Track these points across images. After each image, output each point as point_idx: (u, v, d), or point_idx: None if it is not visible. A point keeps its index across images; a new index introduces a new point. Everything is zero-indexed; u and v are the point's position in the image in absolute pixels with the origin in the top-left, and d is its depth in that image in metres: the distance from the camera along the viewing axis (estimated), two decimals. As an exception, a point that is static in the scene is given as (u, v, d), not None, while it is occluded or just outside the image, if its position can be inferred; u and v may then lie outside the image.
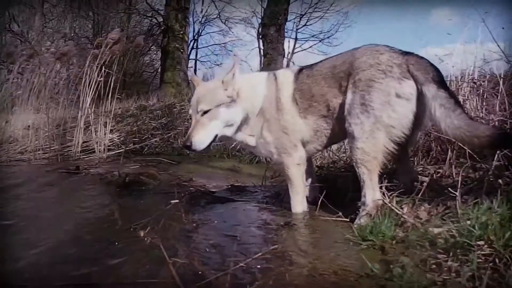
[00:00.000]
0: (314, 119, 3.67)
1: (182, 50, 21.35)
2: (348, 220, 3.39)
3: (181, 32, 21.16)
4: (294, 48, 31.46)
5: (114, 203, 4.25)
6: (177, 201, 4.10)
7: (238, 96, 3.63)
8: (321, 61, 3.80)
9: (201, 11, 32.19)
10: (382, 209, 3.11)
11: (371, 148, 3.16)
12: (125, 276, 2.27)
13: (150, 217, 3.49)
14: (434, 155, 4.20)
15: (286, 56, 21.59)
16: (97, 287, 2.14)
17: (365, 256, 2.49)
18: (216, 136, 3.57)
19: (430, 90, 2.99)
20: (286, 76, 3.83)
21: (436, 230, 2.56)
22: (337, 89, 3.49)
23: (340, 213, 3.47)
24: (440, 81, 3.04)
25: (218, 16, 30.88)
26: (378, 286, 2.08)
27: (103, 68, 8.88)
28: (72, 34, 26.65)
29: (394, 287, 2.01)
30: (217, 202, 4.34)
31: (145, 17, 27.14)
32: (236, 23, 31.28)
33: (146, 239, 2.93)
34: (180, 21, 21.12)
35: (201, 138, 3.46)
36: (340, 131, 3.59)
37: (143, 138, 10.30)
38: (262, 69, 18.72)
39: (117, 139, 9.94)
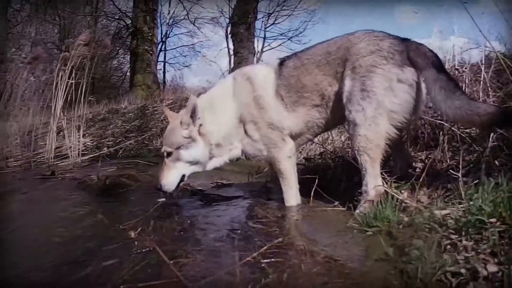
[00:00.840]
0: (305, 110, 3.59)
1: (151, 52, 21.15)
2: (345, 209, 3.34)
3: (150, 34, 20.96)
4: (263, 47, 31.65)
5: (97, 206, 4.09)
6: (164, 199, 3.98)
7: (199, 133, 3.59)
8: (308, 49, 3.71)
9: (168, 13, 32.02)
10: (383, 196, 3.06)
11: (374, 135, 3.11)
12: (123, 278, 2.13)
13: (139, 218, 3.40)
14: (425, 141, 4.19)
15: (255, 54, 21.53)
16: None
17: (373, 242, 2.47)
18: (183, 176, 3.65)
19: (431, 74, 2.99)
20: (263, 75, 3.72)
21: (442, 212, 2.50)
22: (332, 76, 3.42)
23: (337, 203, 3.42)
24: (440, 66, 3.05)
25: (187, 16, 30.76)
26: (397, 269, 2.02)
27: (73, 71, 8.69)
28: (38, 39, 26.12)
29: (413, 270, 1.93)
30: (206, 200, 4.24)
31: (113, 19, 26.95)
32: (205, 23, 31.30)
33: (137, 239, 2.82)
34: (148, 23, 20.91)
35: (168, 181, 3.58)
36: (333, 119, 3.58)
37: (117, 141, 10.18)
38: (232, 69, 18.72)
39: (91, 143, 9.81)
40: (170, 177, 3.58)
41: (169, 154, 3.59)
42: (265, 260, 2.31)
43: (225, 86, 3.85)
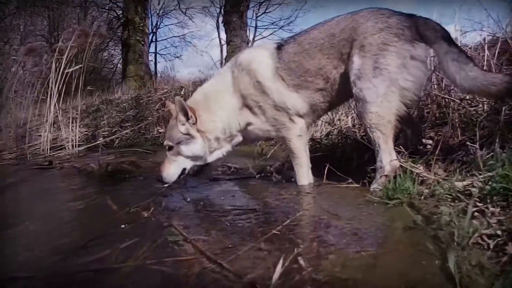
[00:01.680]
0: (308, 93, 3.57)
1: (143, 43, 21.08)
2: (359, 185, 3.33)
3: (142, 24, 20.87)
4: (254, 36, 31.58)
5: (103, 192, 4.07)
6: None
7: (198, 130, 3.64)
8: (307, 32, 3.65)
9: (159, 3, 31.84)
10: (399, 170, 3.05)
11: (385, 111, 3.10)
12: (144, 255, 2.10)
13: (149, 199, 3.37)
14: (432, 119, 4.18)
15: (248, 43, 21.44)
16: (115, 270, 1.95)
17: (396, 213, 2.47)
18: (184, 169, 3.72)
19: (442, 47, 3.01)
20: (259, 61, 3.68)
21: (463, 183, 2.51)
22: (338, 58, 3.40)
23: (350, 179, 3.41)
24: (449, 38, 3.06)
25: (178, 6, 30.63)
26: (428, 236, 2.01)
27: (70, 62, 8.63)
28: (28, 32, 25.85)
29: (445, 235, 1.93)
30: (215, 181, 4.25)
31: (104, 10, 26.73)
32: (197, 12, 31.22)
33: (151, 219, 2.81)
34: (140, 13, 20.82)
35: (169, 173, 3.66)
36: (337, 100, 3.61)
37: (113, 131, 10.15)
38: (225, 58, 18.67)
39: (86, 133, 9.77)
40: (171, 170, 3.66)
41: (170, 148, 3.67)
42: (291, 233, 2.29)
43: (221, 80, 3.83)
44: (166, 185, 3.72)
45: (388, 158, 3.12)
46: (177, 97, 3.63)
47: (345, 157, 4.02)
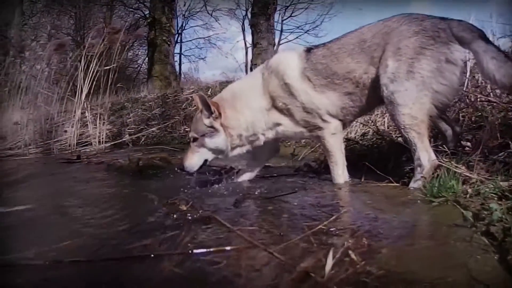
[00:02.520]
0: (337, 96, 3.58)
1: (169, 43, 21.17)
2: (399, 184, 3.32)
3: (168, 25, 20.96)
4: (280, 40, 31.47)
5: (137, 185, 4.20)
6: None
7: (221, 125, 3.70)
8: (337, 39, 3.69)
9: (184, 4, 32.01)
10: (439, 169, 3.03)
11: (418, 112, 3.11)
12: (189, 246, 2.11)
13: (184, 193, 3.47)
14: (469, 121, 4.18)
15: (274, 46, 21.42)
16: (160, 257, 1.97)
17: (442, 211, 2.47)
18: (206, 160, 3.79)
19: (480, 45, 3.00)
20: (286, 62, 3.74)
21: (509, 182, 2.52)
22: (368, 63, 3.41)
23: (390, 179, 3.40)
24: (486, 37, 3.06)
25: (205, 7, 30.79)
26: (478, 232, 2.00)
27: (100, 60, 8.74)
28: (53, 31, 26.15)
29: (498, 230, 1.93)
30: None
31: (131, 9, 26.95)
32: (223, 14, 31.34)
33: (190, 211, 2.83)
34: (166, 13, 20.92)
35: (191, 163, 3.72)
36: (367, 106, 3.63)
37: (139, 129, 10.20)
38: (252, 60, 18.67)
39: (113, 130, 9.85)
40: (193, 160, 3.73)
41: (194, 139, 3.73)
42: (338, 227, 2.30)
43: (251, 81, 3.92)
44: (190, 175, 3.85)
45: (426, 156, 3.13)
46: (199, 93, 3.78)
47: (382, 157, 4.01)
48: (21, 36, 21.34)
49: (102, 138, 8.72)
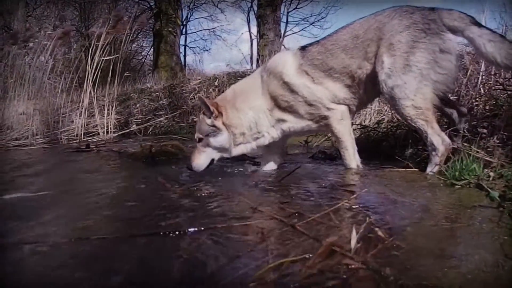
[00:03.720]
0: (338, 87, 3.64)
1: (175, 34, 21.16)
2: (417, 170, 3.33)
3: (174, 16, 20.95)
4: (285, 31, 31.37)
5: (154, 171, 4.23)
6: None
7: (224, 124, 3.80)
8: (330, 36, 3.77)
9: (190, -5, 31.91)
10: (457, 153, 3.07)
11: (421, 102, 3.16)
12: (212, 222, 2.14)
13: (203, 179, 3.57)
14: (483, 110, 4.19)
15: (281, 37, 21.39)
16: (186, 234, 2.00)
17: (465, 194, 2.49)
18: (213, 159, 3.89)
19: (474, 31, 3.07)
20: (283, 61, 3.82)
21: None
22: (362, 58, 3.48)
23: (408, 163, 3.42)
24: (478, 22, 3.12)
25: (210, -2, 30.66)
26: (506, 213, 2.02)
27: (106, 49, 8.72)
28: (58, 22, 26.12)
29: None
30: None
31: (136, 1, 26.87)
32: (228, 5, 31.21)
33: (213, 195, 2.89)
34: (172, 4, 20.89)
35: (198, 163, 3.81)
36: (366, 99, 3.74)
37: (146, 119, 10.19)
38: (258, 52, 18.60)
39: (118, 120, 9.84)
40: (201, 160, 3.82)
41: (200, 140, 3.84)
42: (360, 205, 2.33)
43: (251, 83, 4.01)
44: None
45: (440, 139, 3.15)
46: (198, 95, 4.01)
47: (399, 144, 4.04)
48: (25, 27, 21.27)
49: (110, 128, 8.71)
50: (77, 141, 8.31)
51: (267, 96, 3.80)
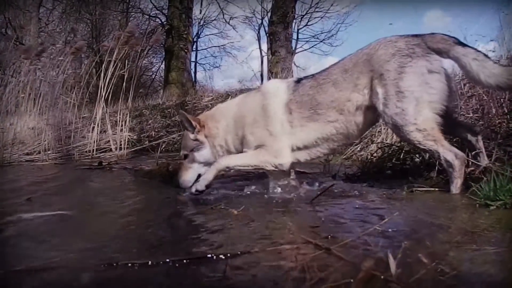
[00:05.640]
0: (317, 126, 3.62)
1: (186, 50, 21.23)
2: (445, 190, 3.25)
3: (185, 32, 21.03)
4: (295, 48, 31.37)
5: (174, 189, 4.13)
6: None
7: (206, 136, 3.91)
8: (324, 70, 3.80)
9: (200, 12, 32.13)
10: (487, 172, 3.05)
11: (424, 124, 3.15)
12: (246, 246, 2.10)
13: (228, 197, 3.59)
14: (507, 128, 4.15)
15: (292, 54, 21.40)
16: (219, 259, 1.94)
17: (503, 215, 2.45)
18: (199, 175, 3.89)
19: (458, 51, 3.13)
20: (275, 87, 3.90)
21: None
22: (351, 90, 3.48)
23: (436, 182, 3.44)
24: (461, 42, 3.18)
25: (222, 14, 30.87)
26: None
27: (115, 65, 8.70)
28: (69, 38, 26.32)
29: None
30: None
31: (148, 16, 27.09)
32: (241, 22, 31.40)
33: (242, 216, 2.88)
34: (183, 21, 20.98)
35: (185, 179, 3.90)
36: (352, 132, 3.61)
37: (159, 135, 10.12)
38: (269, 69, 18.60)
39: (133, 137, 9.78)
40: (187, 176, 3.90)
41: (185, 156, 3.96)
42: (393, 229, 2.28)
43: (236, 100, 4.16)
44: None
45: (452, 155, 3.12)
46: (180, 111, 4.20)
47: (425, 162, 3.97)
48: (38, 42, 21.43)
49: (124, 145, 8.64)
50: (90, 157, 8.26)
51: (237, 111, 3.92)
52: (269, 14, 21.59)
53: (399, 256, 1.68)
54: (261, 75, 29.34)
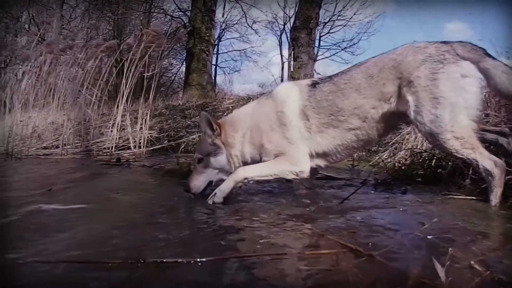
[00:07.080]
0: (337, 133, 3.54)
1: (207, 53, 21.24)
2: (482, 198, 3.17)
3: (207, 34, 21.04)
4: (316, 55, 31.33)
5: None
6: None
7: (223, 142, 3.76)
8: (344, 73, 3.66)
9: (223, 16, 32.26)
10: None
11: (461, 131, 3.05)
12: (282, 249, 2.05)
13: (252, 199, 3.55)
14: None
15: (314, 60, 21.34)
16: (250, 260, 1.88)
17: None
18: (211, 181, 3.78)
19: (489, 62, 3.06)
20: (287, 92, 3.76)
21: None
22: (377, 98, 3.39)
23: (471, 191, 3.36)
24: (490, 55, 3.11)
25: (245, 18, 30.98)
26: None
27: (136, 64, 8.67)
28: (90, 37, 26.48)
29: None
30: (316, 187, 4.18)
31: (171, 17, 27.24)
32: (264, 26, 31.52)
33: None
34: (206, 23, 20.99)
35: (196, 184, 3.69)
36: (373, 137, 3.57)
37: (179, 135, 10.07)
38: (291, 75, 18.53)
39: (153, 135, 9.73)
40: (199, 182, 3.72)
41: (199, 160, 3.77)
42: (434, 236, 2.19)
43: (253, 105, 4.01)
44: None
45: (491, 163, 3.02)
46: (202, 112, 3.89)
47: (458, 169, 3.85)
48: (60, 39, 21.56)
49: (144, 143, 8.59)
50: (108, 153, 8.20)
51: (253, 120, 3.79)
52: (291, 20, 21.55)
53: (447, 263, 1.60)
54: (282, 81, 29.36)
